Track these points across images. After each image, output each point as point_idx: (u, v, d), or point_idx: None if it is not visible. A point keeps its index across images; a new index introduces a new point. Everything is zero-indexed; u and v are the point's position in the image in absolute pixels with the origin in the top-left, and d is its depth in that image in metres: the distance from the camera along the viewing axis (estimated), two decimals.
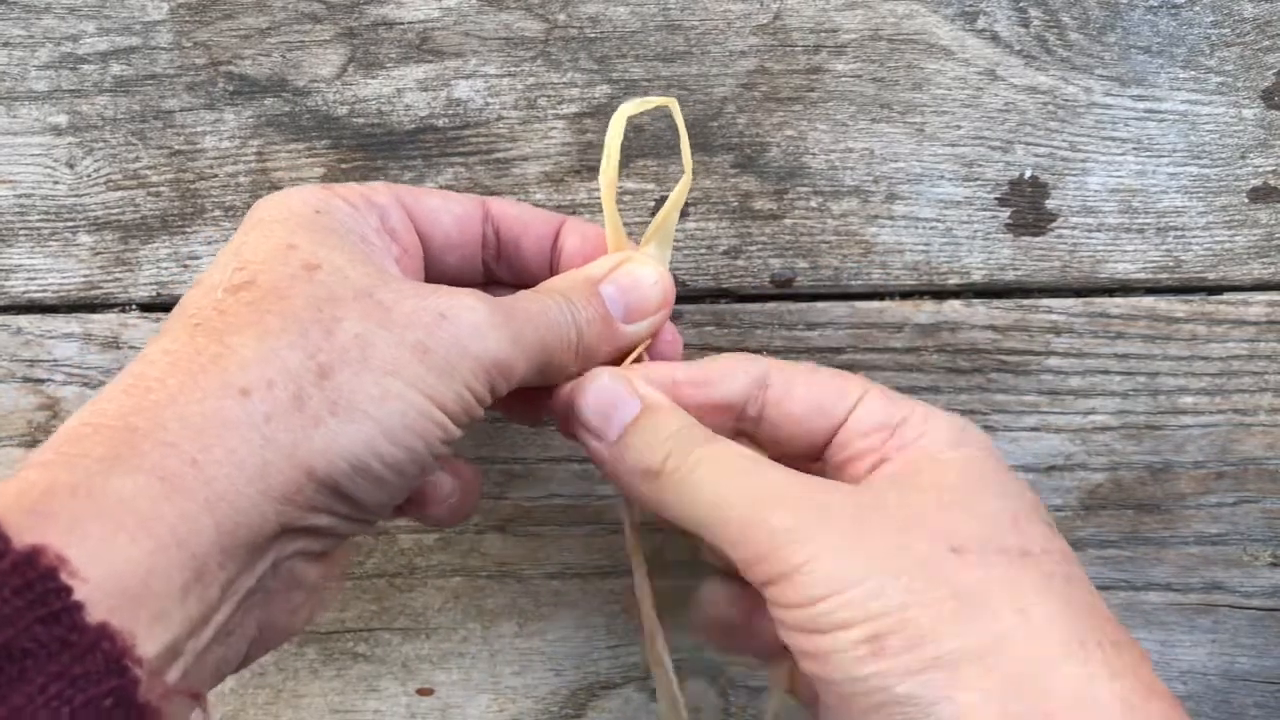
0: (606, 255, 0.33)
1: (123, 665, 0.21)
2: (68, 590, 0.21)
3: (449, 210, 0.33)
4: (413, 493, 0.30)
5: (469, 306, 0.28)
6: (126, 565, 0.22)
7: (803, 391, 0.31)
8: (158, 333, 0.28)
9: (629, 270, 0.33)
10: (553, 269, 0.34)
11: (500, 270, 0.35)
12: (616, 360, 0.33)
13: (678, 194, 0.34)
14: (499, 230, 0.34)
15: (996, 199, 0.39)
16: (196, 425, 0.25)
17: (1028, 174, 0.39)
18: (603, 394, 0.31)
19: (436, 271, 0.33)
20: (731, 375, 0.32)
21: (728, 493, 0.29)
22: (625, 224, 0.35)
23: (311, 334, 0.26)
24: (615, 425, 0.31)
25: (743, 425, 0.32)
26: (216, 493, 0.24)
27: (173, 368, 0.26)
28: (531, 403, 0.34)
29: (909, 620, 0.26)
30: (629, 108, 0.33)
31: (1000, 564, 0.27)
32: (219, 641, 0.25)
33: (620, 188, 0.39)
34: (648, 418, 0.31)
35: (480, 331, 0.28)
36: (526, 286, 0.34)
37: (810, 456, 0.32)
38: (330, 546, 0.28)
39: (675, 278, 0.39)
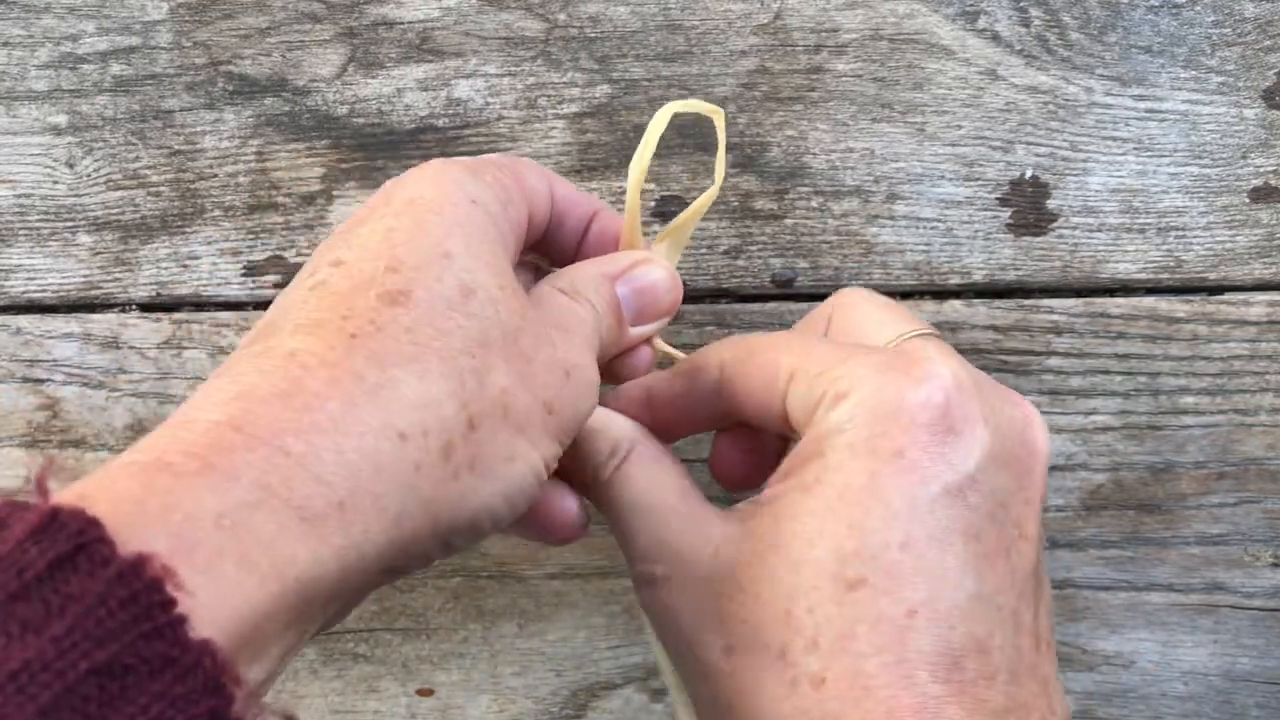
0: (622, 252, 0.33)
1: (221, 683, 0.20)
2: (172, 603, 0.20)
3: (543, 191, 0.32)
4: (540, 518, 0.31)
5: (586, 365, 0.29)
6: (249, 610, 0.21)
7: (745, 373, 0.31)
8: (290, 307, 0.26)
9: (645, 272, 0.32)
10: (577, 251, 0.34)
11: (540, 243, 0.34)
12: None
13: (702, 202, 0.33)
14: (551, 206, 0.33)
15: (997, 199, 0.39)
16: (352, 465, 0.24)
17: (1028, 174, 0.39)
18: None
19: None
20: (694, 382, 0.32)
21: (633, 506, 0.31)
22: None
23: (467, 383, 0.26)
24: None
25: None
26: (351, 540, 0.23)
27: (333, 386, 0.24)
28: None
29: None
30: (676, 106, 0.32)
31: (749, 667, 0.27)
32: None
33: (619, 186, 0.39)
34: (588, 433, 0.32)
35: (590, 391, 0.29)
36: (550, 258, 0.34)
37: (783, 435, 0.31)
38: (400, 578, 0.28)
39: None
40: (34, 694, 0.18)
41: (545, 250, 0.34)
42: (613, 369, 0.33)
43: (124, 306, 0.40)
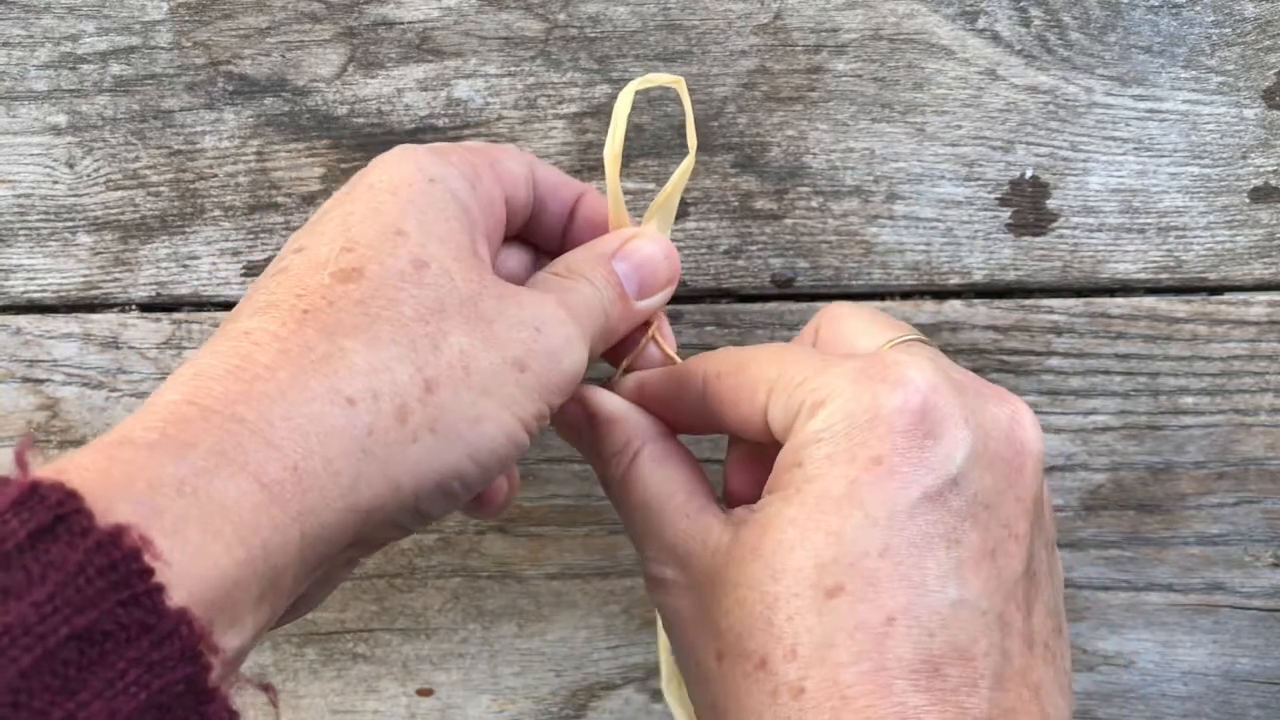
0: (613, 231, 0.33)
1: (197, 651, 0.21)
2: (150, 572, 0.21)
3: (522, 174, 0.32)
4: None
5: (561, 320, 0.29)
6: (217, 575, 0.22)
7: (730, 385, 0.31)
8: (253, 294, 0.27)
9: (639, 246, 0.33)
10: (565, 236, 0.34)
11: (525, 230, 0.34)
12: (630, 336, 0.33)
13: (681, 172, 0.34)
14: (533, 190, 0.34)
15: (997, 199, 0.39)
16: (301, 429, 0.24)
17: (1028, 174, 0.39)
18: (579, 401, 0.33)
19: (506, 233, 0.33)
20: (681, 390, 0.32)
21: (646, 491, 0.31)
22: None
23: (420, 347, 0.26)
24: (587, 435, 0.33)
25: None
26: (308, 505, 0.24)
27: (282, 357, 0.25)
28: None
29: None
30: (638, 83, 0.33)
31: (735, 674, 0.27)
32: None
33: (621, 185, 0.38)
34: (603, 427, 0.32)
35: (571, 346, 0.29)
36: (540, 247, 0.34)
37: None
38: (377, 550, 0.28)
39: None
40: (15, 657, 0.19)
41: (531, 237, 0.34)
42: (623, 349, 0.34)
43: (124, 306, 0.40)
